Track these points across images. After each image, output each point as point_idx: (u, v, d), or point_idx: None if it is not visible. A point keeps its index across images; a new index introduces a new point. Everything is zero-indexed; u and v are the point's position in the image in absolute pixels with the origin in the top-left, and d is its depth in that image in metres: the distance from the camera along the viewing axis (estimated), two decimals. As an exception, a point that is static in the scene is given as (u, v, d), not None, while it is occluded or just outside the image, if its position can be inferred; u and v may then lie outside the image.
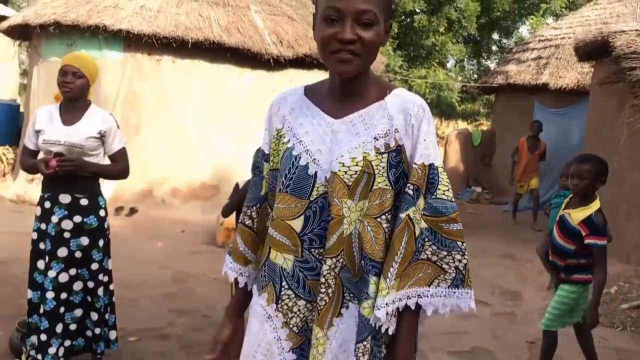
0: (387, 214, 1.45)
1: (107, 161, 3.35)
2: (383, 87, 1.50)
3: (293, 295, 1.51)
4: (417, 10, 16.75)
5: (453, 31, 17.31)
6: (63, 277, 3.16)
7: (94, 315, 3.27)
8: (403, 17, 16.92)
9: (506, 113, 12.37)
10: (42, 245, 3.18)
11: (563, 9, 17.01)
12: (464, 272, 1.45)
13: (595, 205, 3.22)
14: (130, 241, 6.65)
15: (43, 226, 3.18)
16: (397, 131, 1.45)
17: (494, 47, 20.83)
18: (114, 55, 7.96)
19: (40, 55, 8.67)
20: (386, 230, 1.45)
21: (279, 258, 1.52)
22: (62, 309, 3.18)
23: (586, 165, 3.22)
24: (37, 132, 3.17)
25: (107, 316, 3.34)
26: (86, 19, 7.68)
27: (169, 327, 4.15)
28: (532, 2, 17.16)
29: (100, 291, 3.25)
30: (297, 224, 1.49)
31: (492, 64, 20.12)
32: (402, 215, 1.42)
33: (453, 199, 1.46)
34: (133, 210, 7.80)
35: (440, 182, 1.44)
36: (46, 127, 3.14)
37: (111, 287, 3.35)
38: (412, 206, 1.42)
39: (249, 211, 1.65)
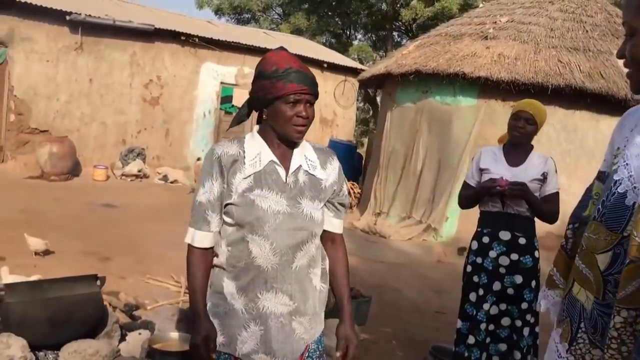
0: None
1: None
2: None
3: (588, 341, 1.29)
4: None
5: None
6: (493, 310, 3.26)
7: (517, 354, 3.28)
8: None
9: None
10: (476, 279, 3.34)
11: None
12: None
13: None
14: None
15: (479, 260, 3.33)
16: None
17: None
18: (468, 101, 8.28)
19: (394, 101, 9.50)
20: None
21: (581, 294, 1.33)
22: (488, 340, 3.28)
23: None
24: (481, 170, 3.36)
25: (529, 357, 3.32)
26: (446, 67, 8.16)
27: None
28: None
29: (526, 331, 3.26)
30: (603, 260, 1.27)
31: None
32: None
33: None
34: (475, 253, 7.87)
35: None
36: (491, 166, 3.31)
37: (537, 329, 3.33)
38: None
39: (567, 228, 1.50)
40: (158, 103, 11.76)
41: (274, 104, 1.82)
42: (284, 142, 1.89)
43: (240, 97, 12.77)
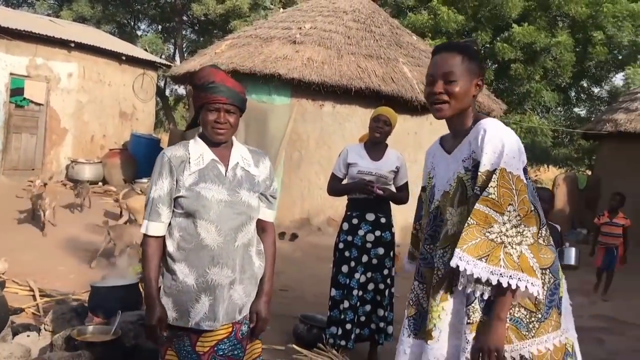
0: None
1: None
2: None
3: (418, 285, 2.15)
4: (513, 59, 17.41)
5: (547, 79, 17.91)
6: (362, 279, 4.06)
7: (380, 312, 4.12)
8: (497, 65, 17.67)
9: (614, 159, 12.87)
10: (347, 253, 4.09)
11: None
12: None
13: None
14: (307, 262, 7.54)
15: (349, 238, 4.09)
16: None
17: (583, 95, 21.20)
18: (282, 100, 9.08)
19: (209, 97, 9.88)
20: None
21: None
22: (358, 304, 4.06)
23: None
24: (349, 164, 4.10)
25: (386, 313, 4.17)
26: (262, 68, 8.84)
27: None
28: (629, 52, 17.60)
29: (386, 292, 4.12)
30: (425, 223, 2.21)
31: (581, 111, 20.58)
32: None
33: None
34: (294, 236, 8.76)
35: None
36: (358, 160, 4.08)
37: (393, 290, 4.20)
38: None
39: (414, 222, 2.39)
40: None
41: (201, 112, 2.26)
42: (214, 144, 2.28)
43: (32, 89, 11.89)
